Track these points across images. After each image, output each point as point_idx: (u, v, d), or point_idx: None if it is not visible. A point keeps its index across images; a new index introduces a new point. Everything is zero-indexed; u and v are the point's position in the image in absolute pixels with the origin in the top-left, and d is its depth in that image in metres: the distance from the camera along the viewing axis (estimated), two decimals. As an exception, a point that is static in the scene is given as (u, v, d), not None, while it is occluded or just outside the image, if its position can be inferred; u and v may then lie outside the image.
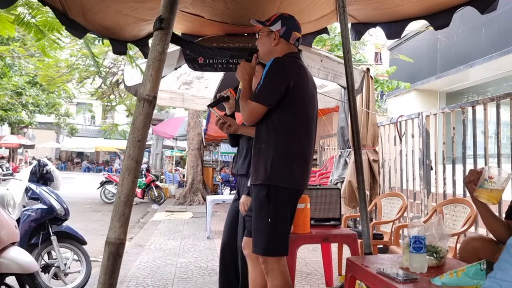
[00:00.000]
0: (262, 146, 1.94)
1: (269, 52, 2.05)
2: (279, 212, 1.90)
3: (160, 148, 17.42)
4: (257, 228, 1.92)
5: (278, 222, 1.89)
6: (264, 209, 1.89)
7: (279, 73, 1.91)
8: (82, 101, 25.40)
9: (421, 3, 2.57)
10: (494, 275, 1.06)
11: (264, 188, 1.89)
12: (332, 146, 7.53)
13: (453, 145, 3.86)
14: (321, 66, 3.25)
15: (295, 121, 1.94)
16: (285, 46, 2.05)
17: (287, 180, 1.90)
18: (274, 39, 2.03)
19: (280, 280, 1.88)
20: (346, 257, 2.13)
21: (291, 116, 1.93)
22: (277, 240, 1.89)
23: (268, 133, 1.93)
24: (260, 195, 1.90)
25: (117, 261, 1.42)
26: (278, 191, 1.89)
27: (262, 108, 1.90)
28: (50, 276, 3.18)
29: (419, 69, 8.54)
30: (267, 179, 1.89)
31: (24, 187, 3.23)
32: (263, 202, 1.89)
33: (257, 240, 1.91)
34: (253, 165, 1.99)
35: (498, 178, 1.77)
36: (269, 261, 1.90)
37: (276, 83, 1.90)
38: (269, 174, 1.88)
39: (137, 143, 1.47)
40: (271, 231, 1.88)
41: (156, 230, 6.38)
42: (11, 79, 13.38)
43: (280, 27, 2.03)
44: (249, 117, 1.94)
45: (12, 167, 19.55)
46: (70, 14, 2.27)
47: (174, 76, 4.07)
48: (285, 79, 1.90)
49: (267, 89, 1.90)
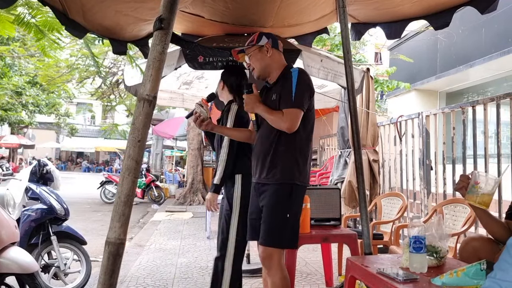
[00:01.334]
0: (283, 148, 2.09)
1: (268, 65, 2.19)
2: (298, 208, 2.14)
3: (160, 148, 17.41)
4: (272, 223, 2.05)
5: (295, 217, 2.10)
6: (284, 205, 2.06)
7: (308, 82, 2.13)
8: (82, 101, 25.38)
9: (421, 3, 2.57)
10: (494, 275, 1.06)
11: (286, 186, 2.06)
12: (332, 146, 7.54)
13: (453, 145, 3.86)
14: (321, 66, 3.25)
15: (308, 126, 2.15)
16: (278, 56, 2.23)
17: (305, 179, 2.14)
18: (268, 51, 2.18)
19: (282, 273, 2.05)
20: (346, 257, 2.13)
21: (310, 122, 2.16)
22: (293, 233, 2.08)
23: (289, 136, 2.07)
24: (280, 193, 2.06)
25: (117, 261, 1.42)
26: (299, 189, 2.10)
27: (301, 113, 2.06)
28: (50, 276, 3.18)
29: (419, 69, 8.54)
30: (292, 178, 2.07)
31: (24, 187, 3.23)
32: (283, 200, 2.06)
33: (272, 234, 2.04)
34: (269, 165, 2.10)
35: (485, 184, 1.81)
36: (276, 255, 2.04)
37: (307, 91, 2.11)
38: (294, 173, 2.07)
39: (137, 143, 1.47)
40: (289, 225, 2.06)
41: (156, 230, 6.38)
42: (11, 79, 13.38)
43: (267, 39, 2.19)
44: (293, 123, 2.04)
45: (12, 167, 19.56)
46: (70, 14, 2.27)
47: (174, 76, 4.07)
48: (311, 89, 2.14)
49: (303, 96, 2.07)
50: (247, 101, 2.17)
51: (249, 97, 2.17)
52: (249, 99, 2.16)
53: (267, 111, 2.11)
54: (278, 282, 2.03)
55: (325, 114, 8.96)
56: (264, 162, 2.13)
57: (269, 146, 2.12)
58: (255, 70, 2.21)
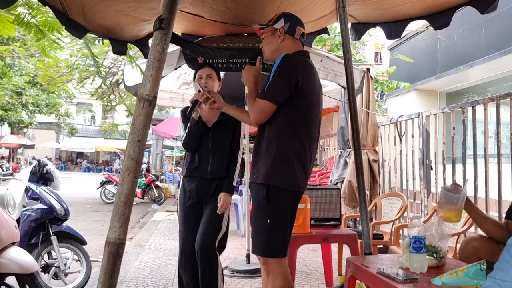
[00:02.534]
0: (264, 145, 1.91)
1: (276, 50, 2.02)
2: (279, 213, 1.87)
3: (160, 148, 17.39)
4: (256, 228, 1.92)
5: (277, 223, 1.86)
6: (264, 210, 1.87)
7: (288, 70, 1.87)
8: (82, 101, 25.37)
9: (421, 3, 2.57)
10: (494, 275, 1.06)
11: (264, 188, 1.87)
12: (332, 146, 7.53)
13: (453, 145, 3.86)
14: (321, 66, 3.25)
15: (300, 122, 1.90)
16: (291, 43, 2.02)
17: (288, 181, 1.87)
18: (280, 36, 2.00)
19: (280, 281, 1.86)
20: (346, 257, 2.13)
21: (296, 116, 1.90)
22: (276, 241, 1.87)
23: (271, 131, 1.90)
24: (260, 195, 1.88)
25: (117, 261, 1.42)
26: (278, 192, 1.86)
27: (271, 106, 1.86)
28: (50, 276, 3.18)
29: (419, 69, 8.54)
30: (267, 178, 1.86)
31: (24, 187, 3.24)
32: (262, 203, 1.87)
33: (257, 241, 1.91)
34: (253, 163, 1.97)
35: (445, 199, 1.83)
36: (269, 262, 1.89)
37: (285, 80, 1.86)
38: (270, 173, 1.86)
39: (137, 143, 1.47)
40: (271, 232, 1.86)
41: (156, 230, 6.37)
42: (11, 79, 13.37)
43: (284, 23, 2.00)
44: (258, 116, 1.90)
45: (12, 167, 19.57)
46: (70, 14, 2.27)
47: (174, 76, 4.07)
48: (294, 77, 1.86)
49: (276, 86, 1.86)
50: (244, 71, 2.05)
51: (248, 69, 2.05)
52: (247, 69, 2.05)
53: (250, 92, 1.97)
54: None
55: (325, 114, 8.96)
56: (253, 159, 1.99)
57: (257, 141, 1.99)
58: (264, 52, 2.09)
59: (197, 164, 2.60)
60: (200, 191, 2.60)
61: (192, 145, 2.61)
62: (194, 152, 2.64)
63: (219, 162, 2.60)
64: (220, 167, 2.60)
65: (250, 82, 2.01)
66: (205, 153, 2.61)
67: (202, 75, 2.63)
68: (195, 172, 2.61)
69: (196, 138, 2.58)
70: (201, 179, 2.60)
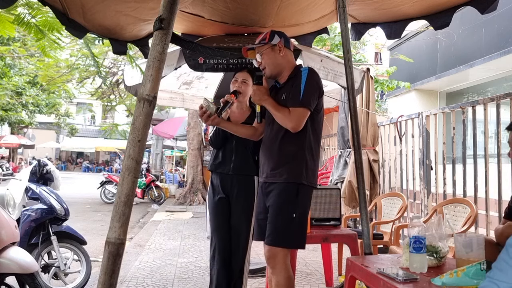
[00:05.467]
0: (292, 148, 2.08)
1: (279, 64, 2.17)
2: (305, 209, 2.11)
3: (160, 148, 17.42)
4: (280, 222, 2.04)
5: (302, 217, 2.08)
6: (291, 205, 2.04)
7: (318, 81, 2.12)
8: (82, 101, 25.39)
9: (421, 3, 2.57)
10: (493, 275, 1.06)
11: (294, 186, 2.04)
12: (332, 146, 7.53)
13: (453, 145, 3.86)
14: (321, 66, 3.24)
15: (317, 127, 2.15)
16: (291, 56, 2.23)
17: (313, 180, 2.12)
18: (280, 50, 2.16)
19: (286, 272, 2.02)
20: (346, 257, 2.13)
21: (319, 122, 2.16)
22: (302, 233, 2.07)
23: (300, 135, 2.07)
24: (287, 192, 2.04)
25: (117, 261, 1.42)
26: (304, 189, 2.07)
27: (308, 112, 2.05)
28: (50, 276, 3.18)
29: (419, 69, 8.54)
30: (300, 178, 2.05)
31: (24, 187, 3.24)
32: (291, 198, 2.04)
33: (282, 235, 2.03)
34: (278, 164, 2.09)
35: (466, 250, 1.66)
36: (281, 255, 2.03)
37: (316, 90, 2.09)
38: (302, 173, 2.05)
39: (137, 143, 1.47)
40: (298, 225, 2.04)
41: (156, 230, 6.38)
42: (11, 79, 13.38)
43: (279, 38, 2.17)
44: (299, 123, 2.03)
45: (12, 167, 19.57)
46: (70, 14, 2.27)
47: (174, 76, 4.07)
48: (320, 88, 2.12)
49: (311, 95, 2.05)
50: (255, 92, 2.13)
51: (259, 89, 2.13)
52: (258, 90, 2.13)
53: (275, 106, 2.08)
54: (282, 282, 2.02)
55: (325, 114, 8.92)
56: (272, 161, 2.11)
57: (278, 145, 2.10)
58: (266, 69, 2.18)
59: (220, 160, 2.73)
60: (225, 186, 2.71)
61: (217, 144, 2.74)
62: (219, 149, 2.76)
63: (241, 160, 2.67)
64: (243, 165, 2.66)
65: (266, 100, 2.12)
66: (229, 151, 2.71)
67: (238, 78, 2.72)
68: (218, 168, 2.73)
69: (222, 137, 2.70)
70: (224, 175, 2.71)
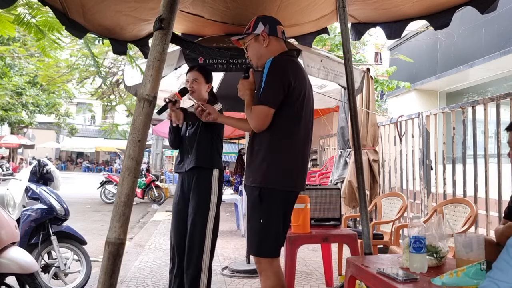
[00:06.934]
0: (257, 148, 1.93)
1: (263, 55, 2.01)
2: (272, 214, 1.89)
3: (160, 148, 17.40)
4: (250, 228, 1.96)
5: (269, 223, 1.88)
6: (256, 210, 1.90)
7: (280, 72, 1.87)
8: (82, 101, 25.39)
9: (421, 3, 2.57)
10: (493, 275, 1.06)
11: (256, 189, 1.89)
12: (332, 146, 7.54)
13: (453, 145, 3.86)
14: (321, 66, 3.25)
15: (293, 122, 1.91)
16: (276, 44, 2.03)
17: (282, 182, 1.89)
18: (264, 40, 2.00)
19: (272, 280, 1.87)
20: (346, 257, 2.13)
21: (289, 117, 1.90)
22: (268, 241, 1.89)
23: (264, 134, 1.90)
24: (253, 196, 1.91)
25: (117, 261, 1.42)
26: (272, 193, 1.88)
27: (268, 110, 1.85)
28: (50, 276, 3.18)
29: (419, 69, 8.54)
30: (262, 181, 1.88)
31: (24, 187, 3.23)
32: (255, 203, 1.90)
33: (250, 240, 1.96)
34: (248, 167, 1.99)
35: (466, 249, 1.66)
36: (262, 261, 1.91)
37: (278, 83, 1.86)
38: (264, 176, 1.88)
39: (137, 143, 1.47)
40: (263, 232, 1.88)
41: (156, 230, 6.38)
42: (11, 79, 13.38)
43: (264, 26, 2.00)
44: (257, 122, 1.88)
45: (12, 167, 19.57)
46: (70, 14, 2.27)
47: (174, 76, 4.06)
48: (286, 78, 1.86)
49: (270, 90, 1.86)
50: (239, 87, 2.02)
51: (242, 83, 2.02)
52: (242, 84, 2.02)
53: (247, 104, 1.96)
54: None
55: (325, 114, 8.96)
56: (247, 162, 2.02)
57: (250, 145, 2.00)
58: (252, 60, 2.08)
59: (179, 159, 2.79)
60: (184, 184, 2.73)
61: (174, 144, 2.81)
62: (178, 149, 2.83)
63: (197, 155, 2.66)
64: (198, 159, 2.65)
65: (246, 95, 2.00)
66: (185, 149, 2.75)
67: (188, 79, 2.74)
68: (177, 168, 2.79)
69: (175, 137, 2.77)
70: (183, 174, 2.74)
